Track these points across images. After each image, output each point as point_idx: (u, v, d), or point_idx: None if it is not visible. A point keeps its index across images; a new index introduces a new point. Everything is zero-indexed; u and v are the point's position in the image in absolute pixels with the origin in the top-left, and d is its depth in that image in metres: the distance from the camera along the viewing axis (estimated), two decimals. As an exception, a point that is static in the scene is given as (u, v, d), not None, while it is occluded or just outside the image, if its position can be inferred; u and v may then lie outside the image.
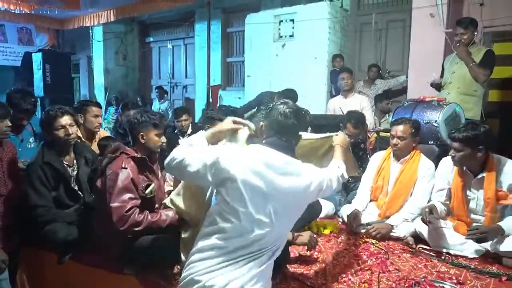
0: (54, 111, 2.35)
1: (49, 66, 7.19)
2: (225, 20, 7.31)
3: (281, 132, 1.58)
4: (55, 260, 2.22)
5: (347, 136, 2.33)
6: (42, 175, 2.24)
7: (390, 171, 2.83)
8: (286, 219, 1.53)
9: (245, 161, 1.45)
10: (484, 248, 2.29)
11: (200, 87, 7.60)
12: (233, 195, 1.43)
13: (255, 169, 1.44)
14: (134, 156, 2.13)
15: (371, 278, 2.03)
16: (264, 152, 1.50)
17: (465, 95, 3.41)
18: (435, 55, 4.22)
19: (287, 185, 1.46)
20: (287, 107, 1.60)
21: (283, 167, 1.47)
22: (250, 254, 1.43)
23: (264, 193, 1.43)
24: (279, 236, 1.53)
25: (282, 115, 1.58)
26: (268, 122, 1.62)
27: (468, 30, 3.37)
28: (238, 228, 1.42)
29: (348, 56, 5.61)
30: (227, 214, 1.44)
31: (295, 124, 1.59)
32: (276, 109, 1.60)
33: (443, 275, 2.07)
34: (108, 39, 8.72)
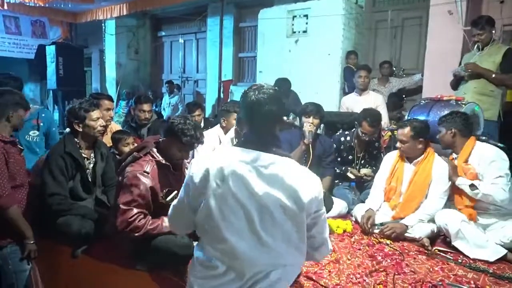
0: (90, 103, 2.39)
1: (62, 59, 7.23)
2: (237, 15, 7.26)
3: (256, 123, 1.34)
4: (69, 254, 2.22)
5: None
6: (62, 164, 2.26)
7: (404, 172, 2.79)
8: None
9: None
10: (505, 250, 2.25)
11: (211, 82, 7.58)
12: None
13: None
14: (158, 160, 2.09)
15: (386, 279, 2.00)
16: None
17: (481, 95, 3.33)
18: (452, 54, 4.12)
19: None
20: (259, 92, 1.33)
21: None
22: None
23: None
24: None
25: (255, 102, 1.32)
26: (242, 114, 1.40)
27: (485, 30, 3.28)
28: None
29: (362, 53, 5.53)
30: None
31: (272, 110, 1.32)
32: (247, 96, 1.35)
33: (460, 279, 2.03)
34: (121, 33, 8.74)
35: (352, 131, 3.45)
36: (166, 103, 7.46)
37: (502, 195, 2.37)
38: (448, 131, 2.63)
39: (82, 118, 2.35)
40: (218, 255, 1.29)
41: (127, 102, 7.88)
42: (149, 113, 3.71)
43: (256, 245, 1.25)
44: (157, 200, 2.06)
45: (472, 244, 2.30)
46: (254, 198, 1.24)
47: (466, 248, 2.32)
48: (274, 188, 1.24)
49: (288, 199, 1.24)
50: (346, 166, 3.42)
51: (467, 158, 2.57)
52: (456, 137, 2.61)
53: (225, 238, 1.25)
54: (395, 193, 2.79)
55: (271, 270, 1.28)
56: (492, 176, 2.42)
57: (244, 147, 1.32)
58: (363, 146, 3.39)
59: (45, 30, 9.05)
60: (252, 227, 1.24)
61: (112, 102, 3.37)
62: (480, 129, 3.08)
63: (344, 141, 3.44)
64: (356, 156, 3.43)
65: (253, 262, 1.26)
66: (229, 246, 1.26)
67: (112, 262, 2.14)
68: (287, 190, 1.24)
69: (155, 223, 2.00)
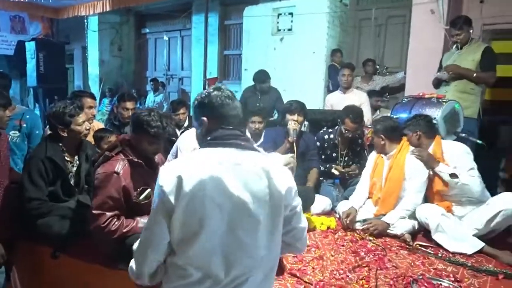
0: (74, 107, 2.31)
1: (42, 56, 7.06)
2: (222, 13, 7.23)
3: (226, 121, 1.32)
4: (50, 255, 2.18)
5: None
6: (42, 168, 2.19)
7: (383, 167, 2.85)
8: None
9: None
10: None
11: (196, 79, 7.53)
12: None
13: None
14: (131, 159, 2.03)
15: (369, 275, 2.03)
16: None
17: (462, 93, 3.40)
18: (434, 52, 4.19)
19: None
20: (222, 92, 1.35)
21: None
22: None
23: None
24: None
25: (223, 102, 1.32)
26: (208, 114, 1.35)
27: (463, 30, 3.35)
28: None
29: (346, 52, 5.57)
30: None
31: (238, 108, 1.35)
32: (212, 97, 1.33)
33: (440, 272, 2.07)
34: (104, 30, 8.59)
35: (335, 129, 3.48)
36: (150, 101, 7.38)
37: (478, 186, 2.48)
38: (413, 133, 2.74)
39: (68, 124, 2.27)
40: (193, 262, 1.22)
41: (111, 100, 7.76)
42: (132, 111, 3.65)
43: (234, 248, 1.22)
44: (131, 200, 2.01)
45: (451, 237, 2.36)
46: (231, 198, 1.20)
47: (446, 241, 2.38)
48: (250, 184, 1.22)
49: (266, 193, 1.23)
50: (330, 164, 3.45)
51: (441, 156, 2.65)
52: (421, 139, 2.72)
53: (201, 245, 1.20)
54: (376, 188, 2.84)
55: (251, 272, 1.24)
56: (466, 168, 2.51)
57: (215, 146, 1.28)
58: (347, 144, 3.43)
59: (24, 26, 8.81)
60: (231, 230, 1.21)
61: (94, 100, 3.30)
62: (460, 126, 3.15)
63: (328, 139, 3.47)
64: (340, 153, 3.46)
65: (231, 265, 1.21)
66: (205, 252, 1.20)
67: (94, 262, 2.10)
68: (263, 184, 1.23)
69: (129, 225, 1.97)
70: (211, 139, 1.30)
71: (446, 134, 3.02)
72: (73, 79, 9.95)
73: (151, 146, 2.05)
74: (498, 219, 2.37)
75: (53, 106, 2.34)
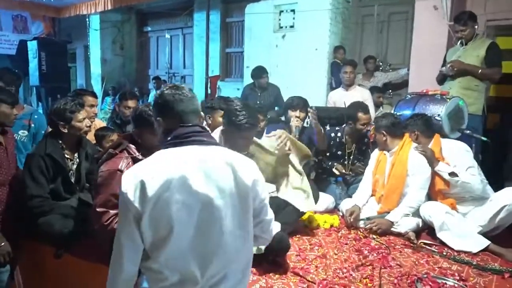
0: (75, 104, 2.31)
1: (44, 55, 7.06)
2: (224, 10, 7.19)
3: (186, 119, 1.29)
4: (52, 254, 2.18)
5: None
6: (42, 165, 2.20)
7: (386, 164, 2.83)
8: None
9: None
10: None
11: (198, 77, 7.51)
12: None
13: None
14: (135, 156, 2.01)
15: (373, 273, 2.01)
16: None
17: (466, 90, 3.36)
18: (438, 48, 4.15)
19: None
20: (179, 89, 1.32)
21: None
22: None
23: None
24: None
25: (182, 99, 1.30)
26: (168, 113, 1.31)
27: (467, 26, 3.31)
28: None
29: (349, 48, 5.53)
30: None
31: (197, 104, 1.34)
32: (170, 95, 1.30)
33: (445, 271, 2.05)
34: (105, 28, 8.58)
35: (343, 127, 3.45)
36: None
37: (479, 184, 2.47)
38: (411, 133, 2.75)
39: (68, 120, 2.27)
40: (167, 265, 1.18)
41: (113, 99, 7.76)
42: (134, 110, 3.65)
43: (207, 246, 1.19)
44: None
45: (455, 235, 2.35)
46: (199, 197, 1.17)
47: (450, 240, 2.36)
48: (217, 180, 1.19)
49: (233, 187, 1.21)
50: (333, 161, 3.42)
51: (440, 155, 2.63)
52: (419, 138, 2.73)
53: (172, 247, 1.17)
54: (379, 185, 2.82)
55: (228, 269, 1.22)
56: (465, 167, 2.50)
57: (176, 146, 1.24)
58: (354, 142, 3.40)
59: (27, 25, 8.82)
60: (202, 229, 1.18)
61: (96, 99, 3.30)
62: (465, 123, 3.11)
63: (335, 137, 3.44)
64: (346, 152, 3.43)
65: (206, 265, 1.19)
66: (178, 254, 1.18)
67: (96, 261, 2.09)
68: (230, 178, 1.21)
69: None
70: (171, 139, 1.26)
71: (451, 131, 2.99)
72: (76, 78, 9.95)
73: (154, 136, 2.04)
74: (502, 215, 2.35)
75: (54, 103, 2.36)
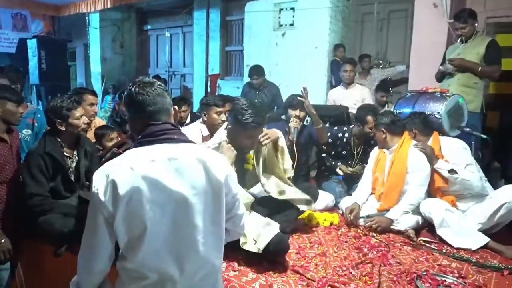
0: (72, 101, 2.32)
1: (44, 53, 7.06)
2: (224, 8, 7.18)
3: (157, 117, 1.27)
4: (52, 253, 2.18)
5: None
6: (42, 164, 2.20)
7: (385, 162, 2.83)
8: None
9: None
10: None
11: (198, 76, 7.51)
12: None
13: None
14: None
15: (372, 271, 2.01)
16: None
17: (465, 87, 3.37)
18: (437, 46, 4.15)
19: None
20: (150, 85, 1.28)
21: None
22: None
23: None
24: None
25: (153, 96, 1.26)
26: (139, 111, 1.28)
27: (467, 24, 3.31)
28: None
29: (348, 46, 5.53)
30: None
31: (167, 100, 1.30)
32: (140, 93, 1.27)
33: (444, 268, 2.06)
34: (105, 27, 8.56)
35: (350, 128, 3.45)
36: (153, 98, 7.37)
37: (477, 181, 2.48)
38: (409, 132, 2.75)
39: (65, 118, 2.28)
40: (145, 264, 1.17)
41: (113, 97, 7.76)
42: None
43: (183, 244, 1.19)
44: None
45: (455, 233, 2.35)
46: (172, 195, 1.16)
47: (450, 237, 2.36)
48: (189, 177, 1.19)
49: (205, 183, 1.20)
50: (338, 161, 3.42)
51: (439, 152, 2.64)
52: (417, 137, 2.73)
53: (148, 246, 1.15)
54: (379, 183, 2.83)
55: (206, 265, 1.22)
56: (464, 164, 2.51)
57: (147, 145, 1.22)
58: (360, 144, 3.39)
59: (26, 24, 8.80)
60: (176, 227, 1.18)
61: (96, 97, 3.30)
62: (464, 120, 3.12)
63: (342, 137, 3.42)
64: (352, 153, 3.42)
65: (183, 263, 1.18)
66: (154, 253, 1.17)
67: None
68: (202, 175, 1.21)
69: None
70: (141, 138, 1.24)
71: (450, 128, 2.99)
72: (76, 77, 9.94)
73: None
74: (502, 212, 2.36)
75: (51, 101, 2.35)
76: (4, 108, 2.23)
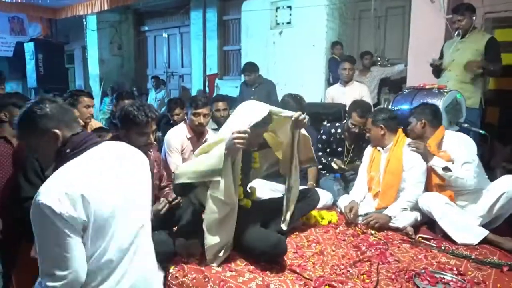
0: (66, 104, 2.33)
1: (41, 56, 7.09)
2: (221, 8, 7.17)
3: (72, 124, 1.32)
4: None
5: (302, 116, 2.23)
6: (36, 166, 2.18)
7: (380, 161, 2.80)
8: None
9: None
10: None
11: (197, 76, 7.50)
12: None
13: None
14: None
15: (370, 269, 1.99)
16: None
17: (463, 83, 3.36)
18: (435, 42, 4.13)
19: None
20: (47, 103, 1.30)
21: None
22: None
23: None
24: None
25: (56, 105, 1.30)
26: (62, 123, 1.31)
27: (465, 16, 3.30)
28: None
29: (346, 44, 5.51)
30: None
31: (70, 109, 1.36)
32: (50, 108, 1.29)
33: (443, 266, 2.03)
34: (103, 29, 8.56)
35: (343, 123, 3.42)
36: (152, 99, 7.36)
37: (471, 180, 2.45)
38: (418, 121, 2.70)
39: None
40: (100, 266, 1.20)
41: (112, 99, 7.75)
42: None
43: (132, 240, 1.23)
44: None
45: (456, 227, 2.33)
46: (127, 196, 1.19)
47: (452, 230, 2.34)
48: (137, 174, 1.26)
49: (144, 177, 1.26)
50: (332, 158, 3.40)
51: (439, 145, 2.63)
52: (426, 127, 2.67)
53: (112, 248, 1.19)
54: (375, 182, 2.80)
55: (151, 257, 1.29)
56: (462, 161, 2.48)
57: (82, 152, 1.24)
58: (353, 139, 3.36)
59: (23, 27, 8.80)
60: (132, 229, 1.21)
61: (92, 99, 3.28)
62: (463, 116, 3.10)
63: (335, 133, 3.41)
64: (346, 148, 3.40)
65: (131, 259, 1.22)
66: (118, 253, 1.21)
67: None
68: (142, 169, 1.26)
69: None
70: (72, 150, 1.23)
71: (449, 124, 2.97)
72: (74, 79, 9.95)
73: (141, 137, 2.05)
74: (501, 202, 2.35)
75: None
76: (12, 113, 2.30)
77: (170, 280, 1.93)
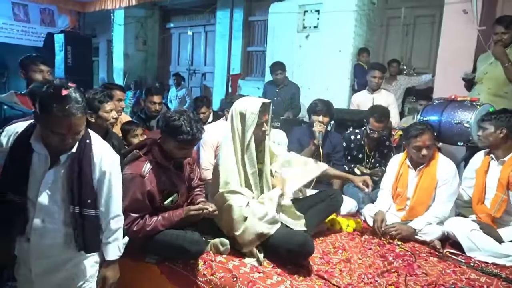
0: (104, 94, 2.40)
1: (70, 48, 7.23)
2: (247, 8, 7.20)
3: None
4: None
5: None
6: None
7: (408, 177, 2.72)
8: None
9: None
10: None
11: (219, 75, 7.55)
12: None
13: None
14: (157, 161, 2.02)
15: (398, 280, 1.98)
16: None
17: (495, 97, 3.28)
18: (465, 54, 4.06)
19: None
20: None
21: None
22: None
23: None
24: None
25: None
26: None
27: (510, 30, 3.22)
28: None
29: (373, 51, 5.46)
30: None
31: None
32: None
33: (473, 282, 2.00)
34: (129, 23, 8.69)
35: (362, 129, 3.42)
36: (173, 96, 7.43)
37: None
38: (497, 130, 2.41)
39: (96, 109, 2.34)
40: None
41: (134, 93, 7.86)
42: (159, 105, 3.69)
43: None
44: (156, 202, 2.01)
45: (485, 253, 2.27)
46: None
47: (481, 257, 2.28)
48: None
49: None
50: (354, 164, 3.39)
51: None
52: (505, 138, 2.40)
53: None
54: (401, 198, 2.74)
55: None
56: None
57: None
58: (374, 145, 3.36)
59: (53, 19, 8.98)
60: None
61: (123, 93, 3.34)
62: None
63: (355, 139, 3.41)
64: (366, 154, 3.39)
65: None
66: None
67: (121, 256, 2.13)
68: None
69: (151, 224, 1.98)
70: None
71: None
72: (98, 72, 10.11)
73: (179, 151, 2.02)
74: None
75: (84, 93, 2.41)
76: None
77: (198, 277, 1.95)
